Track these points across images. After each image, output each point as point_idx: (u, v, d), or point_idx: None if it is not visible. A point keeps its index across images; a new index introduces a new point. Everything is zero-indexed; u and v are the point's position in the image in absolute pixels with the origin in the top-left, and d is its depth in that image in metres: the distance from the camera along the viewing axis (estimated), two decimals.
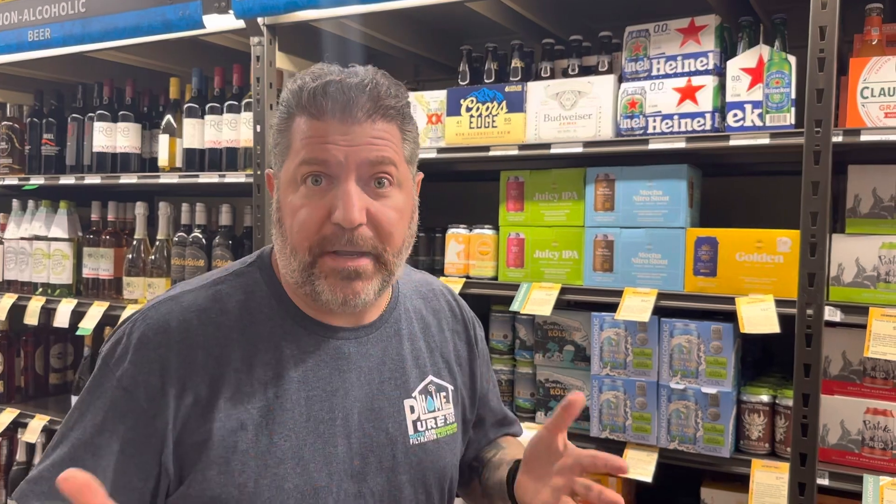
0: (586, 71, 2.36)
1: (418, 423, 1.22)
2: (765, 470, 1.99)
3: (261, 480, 1.06)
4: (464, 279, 2.47)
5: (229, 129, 2.95)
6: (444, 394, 1.28)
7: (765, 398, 2.08)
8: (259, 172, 2.71)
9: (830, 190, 1.94)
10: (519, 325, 2.50)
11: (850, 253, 1.98)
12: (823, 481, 1.93)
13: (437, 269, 2.65)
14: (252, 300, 1.15)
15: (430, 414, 1.25)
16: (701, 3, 2.17)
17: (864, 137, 1.88)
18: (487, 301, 2.57)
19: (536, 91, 2.36)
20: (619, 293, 2.20)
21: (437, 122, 2.52)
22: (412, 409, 1.22)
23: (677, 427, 2.13)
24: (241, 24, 2.66)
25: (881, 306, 1.90)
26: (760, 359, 2.43)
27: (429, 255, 2.92)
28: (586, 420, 2.28)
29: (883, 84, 1.90)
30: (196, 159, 3.04)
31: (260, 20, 2.62)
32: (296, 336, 1.14)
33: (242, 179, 2.81)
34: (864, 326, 1.89)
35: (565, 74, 2.38)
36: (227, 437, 1.06)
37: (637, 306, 2.14)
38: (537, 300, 2.30)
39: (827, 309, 1.93)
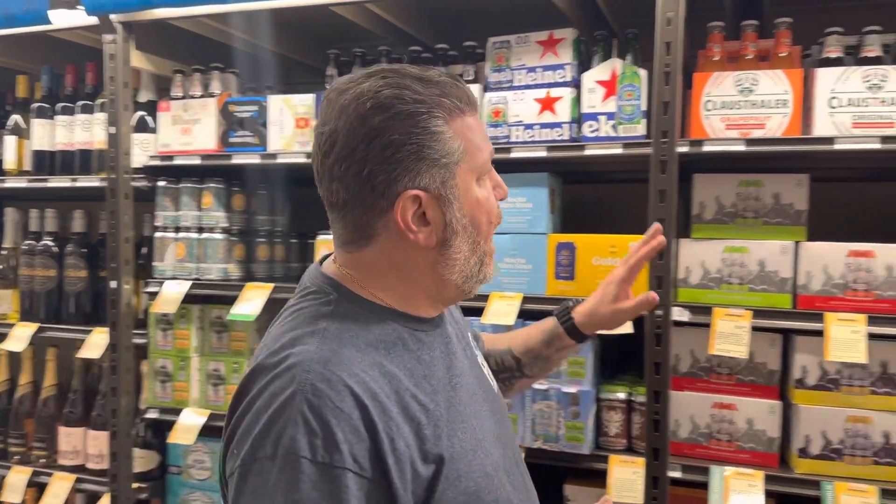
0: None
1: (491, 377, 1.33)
2: (622, 465, 2.08)
3: (483, 476, 1.09)
4: None
5: (83, 131, 2.78)
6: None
7: (621, 395, 2.18)
8: (114, 176, 2.57)
9: (679, 197, 2.05)
10: None
11: (696, 256, 2.11)
12: (676, 474, 2.04)
13: None
14: (377, 328, 1.09)
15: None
16: (559, 16, 2.24)
17: (706, 148, 2.01)
18: None
19: None
20: (485, 297, 2.23)
21: (305, 127, 2.48)
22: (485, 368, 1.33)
23: (541, 426, 2.19)
24: (93, 20, 2.51)
25: (724, 306, 2.03)
26: (620, 357, 2.53)
27: (300, 262, 2.86)
28: None
29: (724, 97, 2.03)
30: (46, 162, 2.85)
31: (113, 17, 2.48)
32: (419, 339, 1.13)
33: (97, 183, 2.65)
34: (709, 325, 2.01)
35: None
36: (455, 454, 1.06)
37: (503, 310, 2.19)
38: None
39: (675, 310, 2.05)
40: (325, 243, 2.49)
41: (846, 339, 1.90)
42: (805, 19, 2.11)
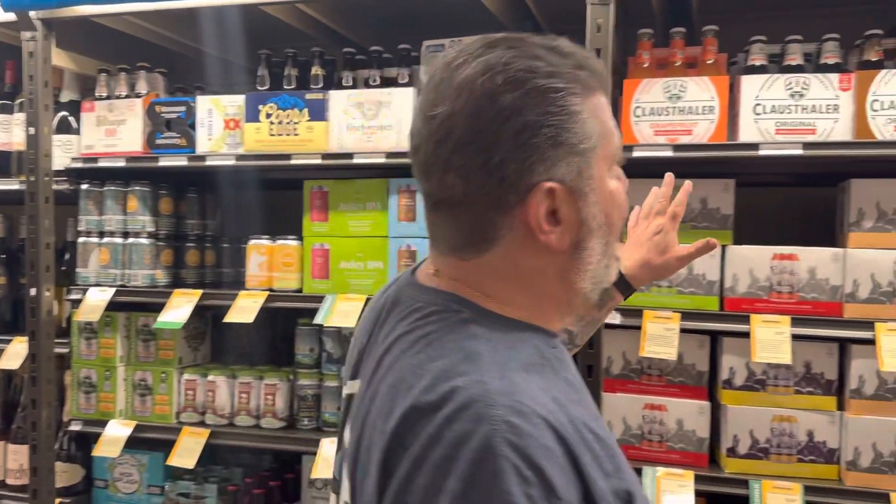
0: (387, 82, 2.36)
1: None
2: None
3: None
4: (267, 292, 2.38)
5: (1, 132, 2.65)
6: None
7: None
8: (34, 179, 2.46)
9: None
10: (325, 338, 2.45)
11: None
12: None
13: (241, 282, 2.54)
14: (522, 347, 0.90)
15: None
16: (493, 20, 2.24)
17: (636, 153, 2.03)
18: (292, 314, 2.50)
19: (339, 99, 2.34)
20: None
21: (235, 128, 2.42)
22: None
23: None
24: (11, 16, 2.41)
25: (654, 309, 2.06)
26: None
27: (233, 267, 2.80)
28: None
29: (653, 104, 2.06)
30: None
31: (32, 14, 2.38)
32: (560, 357, 0.95)
33: (16, 187, 2.54)
34: (640, 328, 2.04)
35: (367, 85, 2.37)
36: (635, 487, 0.88)
37: None
38: (343, 312, 2.27)
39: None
40: (256, 248, 2.43)
41: (772, 341, 1.95)
42: (731, 27, 2.16)
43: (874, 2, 2.30)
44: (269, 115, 2.37)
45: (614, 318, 2.07)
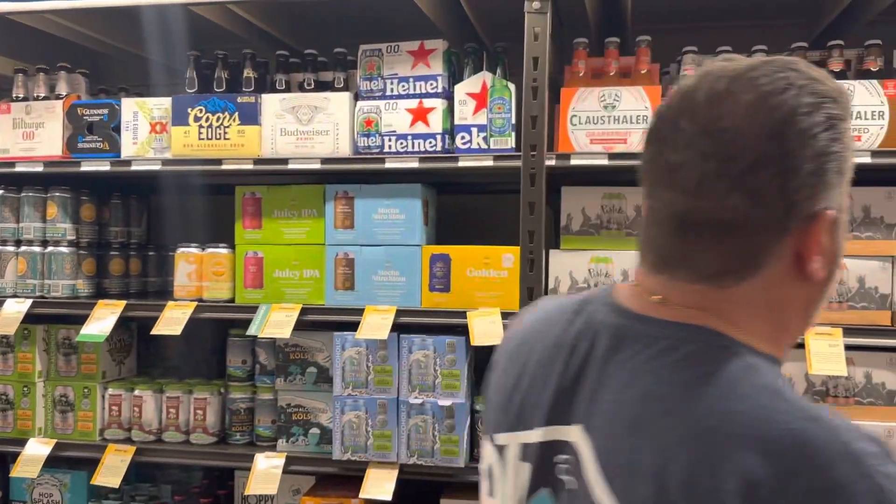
0: (323, 86, 2.31)
1: None
2: None
3: None
4: (196, 303, 2.30)
5: None
6: None
7: None
8: None
9: (549, 209, 2.09)
10: (259, 350, 2.38)
11: (565, 267, 2.15)
12: None
13: (169, 292, 2.44)
14: (789, 386, 0.85)
15: None
16: (430, 26, 2.23)
17: (573, 161, 2.05)
18: (224, 325, 2.42)
19: (272, 104, 2.28)
20: (360, 311, 2.18)
21: (161, 132, 2.32)
22: None
23: (416, 442, 2.15)
24: None
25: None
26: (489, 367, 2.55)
27: (160, 277, 2.69)
28: (329, 443, 2.22)
29: (588, 113, 2.08)
30: None
31: None
32: None
33: None
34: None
35: (301, 88, 2.32)
36: None
37: (377, 324, 2.14)
38: (277, 322, 2.21)
39: None
40: (184, 257, 2.35)
41: None
42: (664, 38, 2.20)
43: (798, 15, 2.39)
44: (197, 119, 2.29)
45: None
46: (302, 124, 2.26)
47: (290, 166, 2.23)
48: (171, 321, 2.23)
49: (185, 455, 2.34)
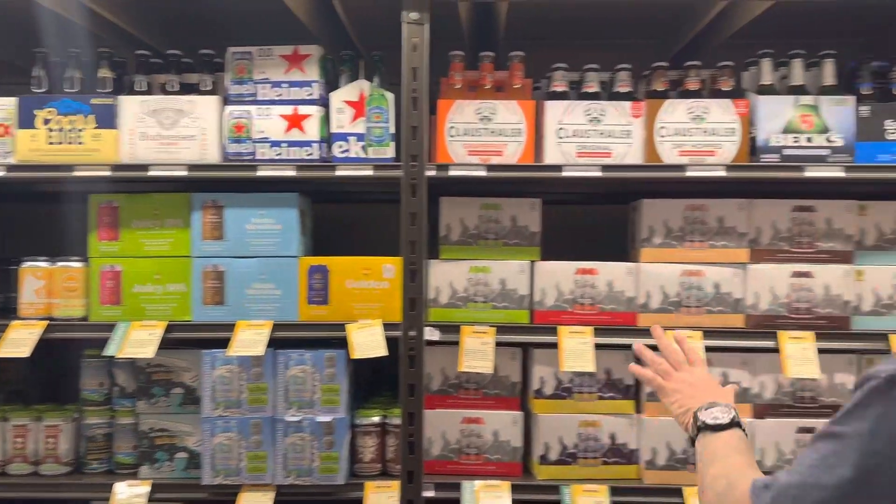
0: (188, 89, 2.18)
1: None
2: (377, 491, 2.05)
3: None
4: (46, 321, 2.09)
5: None
6: None
7: (376, 419, 2.15)
8: None
9: (428, 219, 2.08)
10: (117, 371, 2.21)
11: (445, 277, 2.15)
12: (430, 493, 2.05)
13: (12, 310, 2.21)
14: None
15: None
16: (304, 32, 2.17)
17: (452, 172, 2.06)
18: (78, 346, 2.22)
19: (131, 106, 2.12)
20: (232, 327, 2.07)
21: (4, 135, 2.11)
22: None
23: (294, 461, 2.08)
24: None
25: (471, 324, 2.10)
26: (373, 379, 2.51)
27: (2, 293, 2.43)
28: (198, 468, 2.09)
29: (466, 124, 2.10)
30: None
31: None
32: None
33: None
34: (458, 343, 2.06)
35: (164, 91, 2.18)
36: None
37: (251, 340, 2.04)
38: (138, 341, 2.06)
39: (427, 329, 2.07)
40: (31, 271, 2.14)
41: (577, 350, 2.06)
42: (535, 53, 2.26)
43: (657, 36, 2.54)
44: (47, 121, 2.10)
45: (433, 335, 2.07)
46: (165, 128, 2.12)
47: (152, 173, 2.09)
48: (17, 342, 2.02)
49: (33, 488, 2.13)
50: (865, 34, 2.54)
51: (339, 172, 2.06)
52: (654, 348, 1.53)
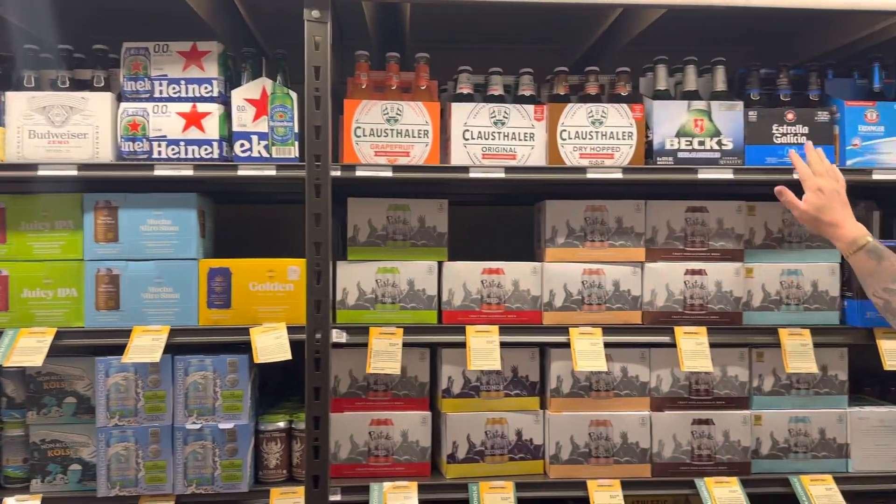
0: (80, 85, 2.09)
1: None
2: (283, 498, 2.01)
3: None
4: None
5: None
6: None
7: (281, 425, 2.11)
8: None
9: (336, 219, 2.06)
10: (6, 380, 2.09)
11: (353, 278, 2.13)
12: (337, 497, 2.03)
13: None
14: None
15: None
16: (204, 27, 2.11)
17: (359, 173, 2.05)
18: None
19: (18, 103, 2.02)
20: (127, 333, 1.99)
21: None
22: None
23: (195, 470, 2.01)
24: None
25: (379, 325, 2.09)
26: (282, 384, 2.47)
27: None
28: (93, 480, 2.00)
29: (372, 125, 2.09)
30: None
31: None
32: None
33: None
34: (366, 345, 2.05)
35: (54, 87, 2.08)
36: None
37: (148, 345, 1.97)
38: (26, 348, 1.95)
39: (334, 332, 2.05)
40: None
41: (484, 349, 2.08)
42: (442, 55, 2.28)
43: (560, 41, 2.60)
44: None
45: (340, 337, 2.05)
46: (55, 126, 2.02)
47: (42, 173, 1.99)
48: None
49: None
50: (757, 42, 2.68)
51: (240, 172, 2.01)
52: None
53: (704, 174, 2.12)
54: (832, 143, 2.19)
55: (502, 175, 2.10)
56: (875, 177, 2.14)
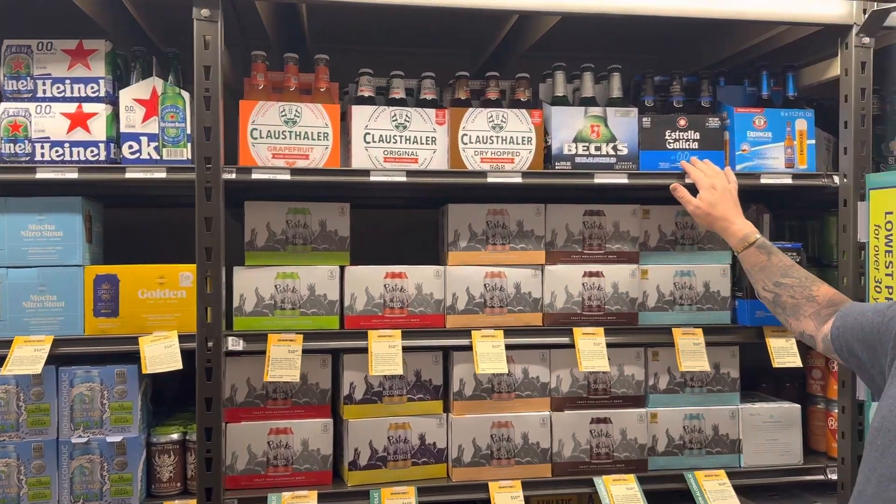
0: None
1: None
2: None
3: None
4: None
5: None
6: None
7: (175, 436, 2.04)
8: None
9: (235, 224, 2.01)
10: None
11: (251, 284, 2.09)
12: None
13: None
14: None
15: None
16: (92, 25, 2.03)
17: (255, 176, 2.00)
18: None
19: None
20: (8, 344, 1.90)
21: None
22: None
23: (82, 485, 1.93)
24: None
25: (278, 332, 2.05)
26: (179, 394, 2.39)
27: None
28: None
29: (270, 127, 2.05)
30: None
31: None
32: None
33: None
34: (264, 353, 2.01)
35: None
36: None
37: (29, 357, 1.88)
38: None
39: (230, 339, 2.00)
40: None
41: (386, 354, 2.07)
42: (343, 57, 2.26)
43: (464, 46, 2.61)
44: None
45: (237, 345, 2.01)
46: None
47: None
48: None
49: None
50: (661, 49, 2.75)
51: (128, 175, 1.94)
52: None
53: (600, 179, 2.16)
54: (723, 148, 2.27)
55: (404, 179, 2.09)
56: (763, 181, 2.23)
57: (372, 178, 2.08)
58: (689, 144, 2.24)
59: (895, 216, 2.02)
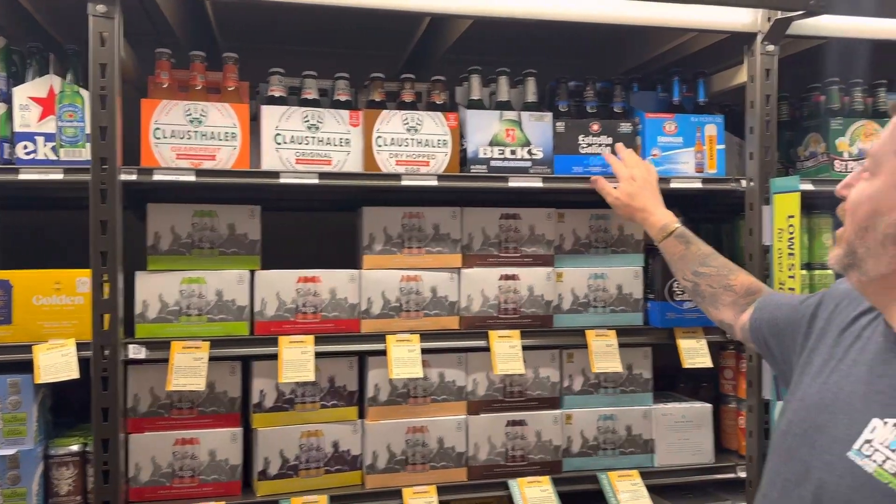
0: None
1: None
2: None
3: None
4: None
5: None
6: None
7: (74, 448, 1.96)
8: None
9: (141, 227, 1.94)
10: None
11: (154, 289, 2.02)
12: None
13: None
14: None
15: None
16: None
17: (157, 177, 1.93)
18: None
19: None
20: None
21: None
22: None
23: None
24: None
25: (183, 339, 1.98)
26: (84, 404, 2.29)
27: None
28: None
29: (174, 126, 1.99)
30: None
31: None
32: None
33: None
34: (167, 361, 1.94)
35: None
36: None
37: None
38: None
39: (132, 347, 1.92)
40: None
41: (297, 360, 2.02)
42: (254, 56, 2.21)
43: (383, 47, 2.58)
44: None
45: (139, 353, 1.93)
46: None
47: None
48: None
49: None
50: (582, 53, 2.77)
51: (22, 176, 1.85)
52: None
53: (515, 182, 2.16)
54: (635, 152, 2.30)
55: (316, 181, 2.05)
56: (673, 185, 2.27)
57: (282, 180, 2.03)
58: (601, 149, 2.26)
59: (797, 220, 2.08)
